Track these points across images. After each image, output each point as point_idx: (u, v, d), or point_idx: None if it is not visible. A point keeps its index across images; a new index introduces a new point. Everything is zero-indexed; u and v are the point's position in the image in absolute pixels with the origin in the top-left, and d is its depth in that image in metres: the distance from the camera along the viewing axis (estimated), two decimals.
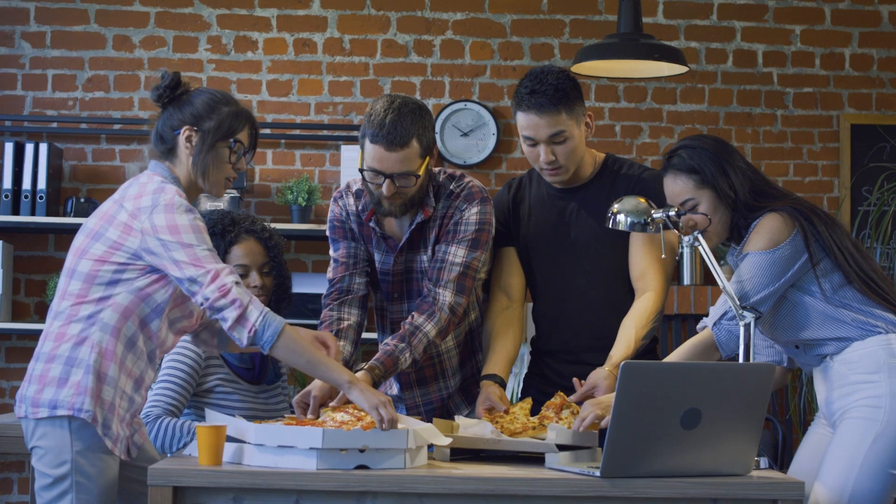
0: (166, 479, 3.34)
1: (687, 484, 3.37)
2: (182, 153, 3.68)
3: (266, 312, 3.49)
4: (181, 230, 3.51)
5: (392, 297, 4.27)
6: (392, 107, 3.97)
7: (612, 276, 4.28)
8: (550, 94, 4.11)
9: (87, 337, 3.54)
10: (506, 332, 4.32)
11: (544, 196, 4.38)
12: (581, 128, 4.21)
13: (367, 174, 4.02)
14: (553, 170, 4.21)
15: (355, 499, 3.35)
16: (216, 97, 3.71)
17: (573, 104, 4.16)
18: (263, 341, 3.47)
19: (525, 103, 4.14)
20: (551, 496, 3.36)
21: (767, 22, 7.06)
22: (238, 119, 3.70)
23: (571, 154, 4.20)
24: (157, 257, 3.52)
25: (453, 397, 4.39)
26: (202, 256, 3.50)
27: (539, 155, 4.19)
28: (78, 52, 6.82)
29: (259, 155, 6.83)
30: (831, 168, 7.04)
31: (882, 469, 3.70)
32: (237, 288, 3.49)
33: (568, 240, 4.32)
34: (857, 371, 3.78)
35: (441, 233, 4.17)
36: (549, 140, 4.16)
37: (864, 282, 3.80)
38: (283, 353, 3.53)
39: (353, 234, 4.25)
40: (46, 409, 3.53)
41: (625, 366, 3.28)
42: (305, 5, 6.92)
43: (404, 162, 3.97)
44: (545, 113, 4.12)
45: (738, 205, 3.85)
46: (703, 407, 3.36)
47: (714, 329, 3.83)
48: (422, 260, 4.20)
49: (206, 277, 3.48)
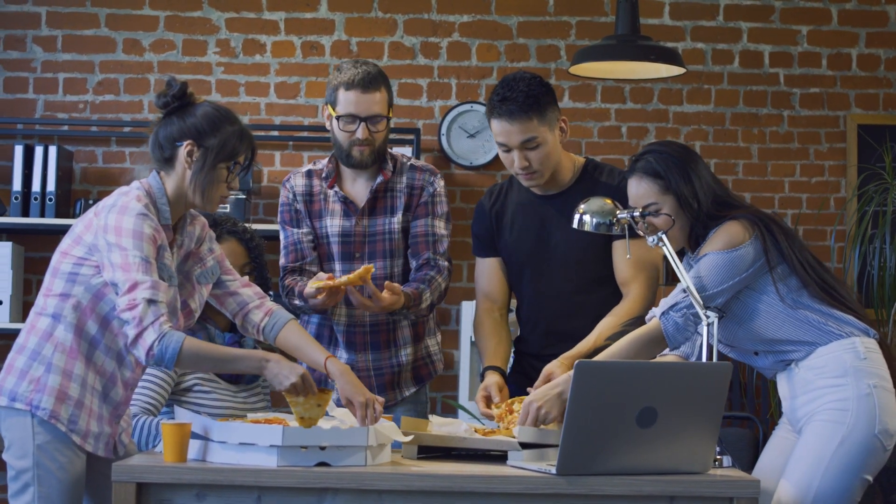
0: (130, 476, 3.41)
1: (643, 482, 3.40)
2: (180, 166, 3.72)
3: (164, 334, 3.51)
4: (123, 233, 3.57)
5: (353, 256, 4.51)
6: (359, 63, 4.45)
7: (596, 281, 4.35)
8: (521, 101, 4.20)
9: (52, 334, 3.64)
10: (498, 331, 4.48)
11: (525, 202, 4.45)
12: (555, 133, 4.29)
13: (343, 121, 4.42)
14: (528, 175, 4.30)
15: (316, 495, 3.41)
16: (221, 114, 3.75)
17: (545, 110, 4.23)
18: (165, 362, 3.52)
19: (497, 110, 4.24)
20: (508, 493, 3.40)
21: (774, 23, 7.06)
22: (241, 141, 3.75)
23: (545, 159, 4.27)
24: (101, 254, 3.60)
25: (403, 373, 4.60)
26: (132, 263, 3.54)
27: (514, 161, 4.26)
28: (88, 55, 6.91)
29: (267, 157, 6.90)
30: (838, 168, 7.03)
31: (847, 471, 3.72)
32: (146, 306, 3.51)
33: (549, 246, 4.37)
34: (823, 376, 3.80)
35: (415, 203, 4.55)
36: (522, 146, 4.25)
37: (820, 287, 3.83)
38: (190, 365, 3.64)
39: (300, 216, 4.56)
40: (6, 399, 3.64)
41: (578, 365, 3.32)
42: (313, 8, 6.98)
43: (377, 104, 4.42)
44: (516, 120, 4.21)
45: (700, 214, 3.89)
46: (659, 406, 3.39)
47: (662, 319, 3.85)
48: (387, 223, 4.54)
49: (125, 285, 3.53)
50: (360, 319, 4.54)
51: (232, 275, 3.94)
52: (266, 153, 6.91)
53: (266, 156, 6.90)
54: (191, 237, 3.85)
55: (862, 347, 3.79)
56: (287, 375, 3.56)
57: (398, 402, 4.64)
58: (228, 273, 3.93)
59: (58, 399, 3.61)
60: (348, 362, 4.54)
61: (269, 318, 3.89)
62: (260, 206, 6.88)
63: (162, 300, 3.54)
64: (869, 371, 3.77)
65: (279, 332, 3.86)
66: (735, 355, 4.00)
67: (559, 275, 4.36)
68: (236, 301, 3.92)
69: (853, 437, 3.72)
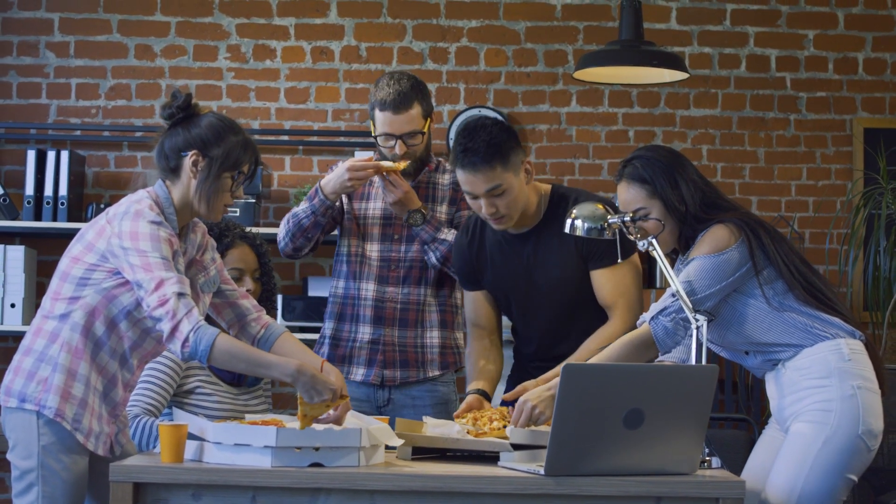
0: (127, 476, 3.47)
1: (630, 482, 3.45)
2: (185, 176, 3.79)
3: (198, 326, 3.58)
4: (140, 237, 3.64)
5: (392, 238, 4.77)
6: (393, 79, 4.69)
7: (582, 308, 4.43)
8: (483, 152, 4.24)
9: (59, 335, 3.72)
10: (486, 354, 4.57)
11: (501, 241, 4.52)
12: (520, 176, 4.34)
13: (381, 139, 4.69)
14: (496, 220, 4.36)
15: (309, 495, 3.47)
16: (225, 124, 3.82)
17: (507, 156, 4.28)
18: (199, 355, 3.58)
19: (460, 161, 4.29)
20: (497, 493, 3.45)
21: (780, 27, 7.10)
22: (245, 151, 3.82)
23: (512, 203, 4.32)
24: (118, 259, 3.66)
25: (429, 354, 4.78)
26: (153, 263, 3.62)
27: (481, 207, 4.32)
28: (101, 61, 6.99)
29: (277, 161, 6.97)
30: (844, 172, 7.07)
31: (831, 471, 3.76)
32: (176, 299, 3.59)
33: (532, 284, 4.45)
34: (808, 377, 3.84)
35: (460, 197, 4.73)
36: (488, 194, 4.29)
37: (805, 290, 3.88)
38: (222, 362, 3.65)
39: None
40: (15, 400, 3.71)
41: (566, 367, 3.37)
42: (323, 14, 7.05)
43: (410, 122, 4.66)
44: (479, 170, 4.26)
45: (687, 217, 3.94)
46: (646, 407, 3.44)
47: (651, 323, 3.90)
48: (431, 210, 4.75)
49: (150, 284, 3.60)
50: (392, 296, 4.74)
51: (231, 285, 4.02)
52: (276, 157, 6.98)
53: (276, 160, 6.97)
54: (193, 244, 3.92)
55: (847, 349, 3.84)
56: (320, 392, 3.65)
57: (421, 380, 4.78)
58: (228, 283, 4.01)
59: (63, 398, 3.68)
60: (374, 337, 4.75)
61: (265, 330, 3.98)
62: (270, 210, 6.96)
63: (189, 294, 3.63)
64: (853, 372, 3.81)
65: (274, 342, 3.95)
66: (727, 354, 4.06)
67: (545, 303, 4.44)
68: (234, 312, 3.99)
69: (837, 437, 3.77)
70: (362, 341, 4.77)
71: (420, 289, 4.75)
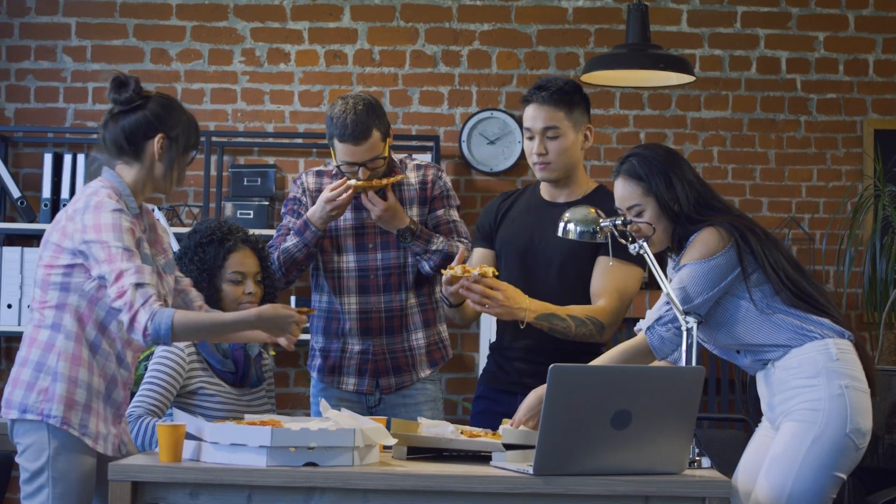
0: (126, 475, 3.54)
1: (618, 482, 3.50)
2: (147, 159, 3.85)
3: (154, 313, 3.64)
4: (102, 228, 3.70)
5: (367, 248, 4.81)
6: (348, 107, 4.62)
7: (579, 289, 4.46)
8: (553, 91, 4.46)
9: (54, 345, 3.78)
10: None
11: (533, 205, 4.60)
12: (578, 135, 4.51)
13: (343, 167, 4.68)
14: (542, 165, 4.50)
15: (304, 494, 3.54)
16: (174, 102, 3.91)
17: (573, 108, 4.48)
18: (162, 339, 3.65)
19: (531, 94, 4.50)
20: (487, 493, 3.51)
21: (791, 29, 7.13)
22: (197, 128, 3.95)
23: (562, 152, 4.48)
24: (84, 256, 3.73)
25: (418, 356, 4.87)
26: (115, 254, 3.67)
27: (534, 148, 4.48)
28: (117, 65, 7.07)
29: (291, 163, 7.05)
30: (855, 173, 7.09)
31: (820, 470, 3.80)
32: (133, 290, 3.64)
33: (539, 247, 4.49)
34: (797, 376, 3.89)
35: (429, 195, 4.83)
36: (543, 133, 4.46)
37: (793, 293, 3.92)
38: (187, 337, 3.81)
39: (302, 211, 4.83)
40: (16, 412, 3.78)
41: (553, 368, 3.43)
42: (336, 18, 7.12)
43: (371, 150, 4.63)
44: (544, 106, 4.47)
45: (681, 217, 4.00)
46: (634, 408, 3.49)
47: (647, 333, 3.96)
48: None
49: (111, 276, 3.66)
50: (375, 305, 4.81)
51: (180, 273, 4.16)
52: (290, 160, 7.06)
53: (290, 162, 7.05)
54: (144, 224, 3.96)
55: (835, 349, 3.88)
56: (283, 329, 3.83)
57: (414, 382, 4.88)
58: (177, 270, 4.12)
59: (67, 406, 3.75)
60: (363, 348, 4.83)
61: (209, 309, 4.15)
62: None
63: (149, 282, 3.68)
64: (841, 372, 3.86)
65: None
66: (719, 352, 4.11)
67: (544, 276, 4.48)
68: (183, 299, 4.11)
69: (825, 436, 3.81)
70: (352, 352, 4.85)
71: (401, 294, 4.83)
